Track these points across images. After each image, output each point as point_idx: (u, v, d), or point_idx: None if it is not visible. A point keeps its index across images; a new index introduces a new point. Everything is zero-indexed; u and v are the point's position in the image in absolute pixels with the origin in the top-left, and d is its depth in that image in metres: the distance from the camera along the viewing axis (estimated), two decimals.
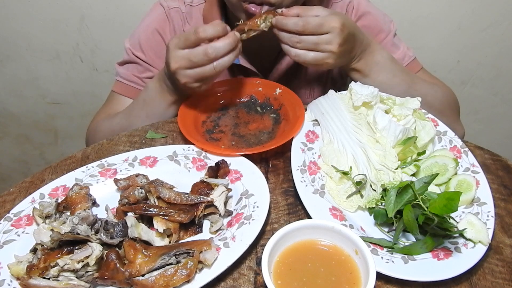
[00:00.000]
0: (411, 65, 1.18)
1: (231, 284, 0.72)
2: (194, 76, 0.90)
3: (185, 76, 0.90)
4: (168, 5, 1.14)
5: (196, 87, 0.93)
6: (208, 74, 0.89)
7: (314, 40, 0.89)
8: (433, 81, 1.20)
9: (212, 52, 0.85)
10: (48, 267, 0.68)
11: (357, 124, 0.90)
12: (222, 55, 0.86)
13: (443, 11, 1.64)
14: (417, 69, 1.19)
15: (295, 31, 0.89)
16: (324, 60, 0.91)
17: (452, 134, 0.94)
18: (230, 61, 0.88)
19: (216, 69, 0.87)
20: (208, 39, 0.86)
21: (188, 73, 0.89)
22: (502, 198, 0.87)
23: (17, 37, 1.79)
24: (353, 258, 0.68)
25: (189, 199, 0.78)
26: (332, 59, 0.91)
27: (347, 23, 0.91)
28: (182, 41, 0.88)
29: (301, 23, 0.88)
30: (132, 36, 1.16)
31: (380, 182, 0.80)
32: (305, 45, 0.90)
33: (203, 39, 0.86)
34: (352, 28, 0.93)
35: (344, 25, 0.90)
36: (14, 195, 0.86)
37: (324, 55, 0.91)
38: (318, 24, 0.88)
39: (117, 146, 0.97)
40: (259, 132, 1.01)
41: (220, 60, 0.87)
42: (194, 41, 0.86)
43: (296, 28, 0.88)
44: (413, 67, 1.18)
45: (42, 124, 2.12)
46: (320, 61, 0.92)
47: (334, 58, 0.91)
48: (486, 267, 0.75)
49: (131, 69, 1.16)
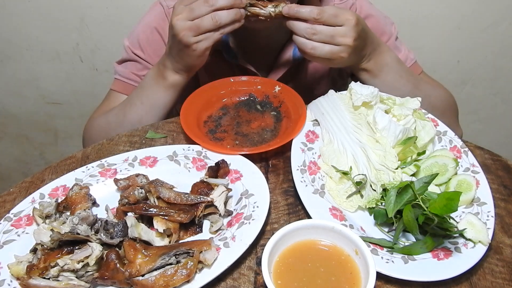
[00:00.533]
0: (412, 67, 1.18)
1: (231, 284, 0.72)
2: (192, 27, 0.88)
3: (184, 27, 0.88)
4: (168, 4, 1.14)
5: (193, 42, 0.90)
6: (206, 25, 0.87)
7: (330, 31, 0.88)
8: (434, 83, 1.21)
9: (212, 0, 0.85)
10: (48, 267, 0.68)
11: (357, 124, 0.90)
12: (222, 7, 0.86)
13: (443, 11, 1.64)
14: (418, 72, 1.20)
15: (310, 18, 0.88)
16: (339, 54, 0.90)
17: (452, 134, 0.94)
18: (230, 17, 0.88)
19: (214, 19, 0.86)
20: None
21: (187, 24, 0.88)
22: (502, 198, 0.87)
23: (17, 37, 1.79)
24: (353, 258, 0.68)
25: (189, 199, 0.78)
26: (347, 53, 0.90)
27: (360, 18, 0.91)
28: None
29: (316, 11, 0.87)
30: (131, 34, 1.16)
31: (380, 182, 0.80)
32: (321, 37, 0.88)
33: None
34: (364, 25, 0.94)
35: (358, 19, 0.90)
36: (14, 195, 0.86)
37: (340, 48, 0.90)
38: (333, 14, 0.88)
39: (117, 146, 0.97)
40: (261, 130, 1.01)
41: (220, 12, 0.86)
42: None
43: (312, 15, 0.87)
44: (414, 69, 1.19)
45: (42, 124, 2.12)
46: (335, 55, 0.90)
47: (349, 52, 0.91)
48: (486, 267, 0.75)
49: (129, 67, 1.16)
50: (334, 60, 0.93)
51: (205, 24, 0.87)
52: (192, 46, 0.91)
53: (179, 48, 0.93)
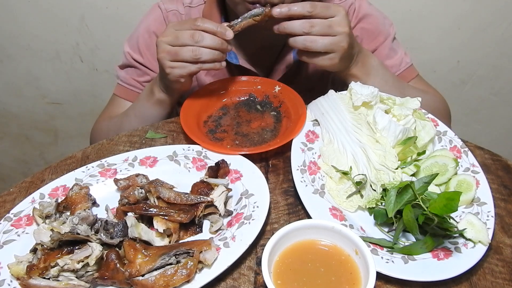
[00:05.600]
0: (407, 71, 1.18)
1: (231, 284, 0.72)
2: (171, 52, 0.89)
3: (164, 50, 0.90)
4: (166, 8, 1.14)
5: (167, 66, 0.91)
6: (184, 55, 0.88)
7: (327, 22, 0.88)
8: (427, 88, 1.20)
9: (198, 37, 0.86)
10: (48, 267, 0.68)
11: (357, 124, 0.90)
12: (205, 45, 0.87)
13: (443, 11, 1.64)
14: (413, 75, 1.19)
15: (304, 13, 0.87)
16: (339, 44, 0.90)
17: (452, 134, 0.94)
18: (210, 56, 0.88)
19: (194, 53, 0.87)
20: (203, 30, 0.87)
21: (167, 48, 0.90)
22: (502, 198, 0.87)
23: (17, 37, 1.79)
24: (353, 258, 0.68)
25: (189, 199, 0.78)
26: (346, 42, 0.90)
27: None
28: (180, 24, 0.90)
29: (308, 5, 0.87)
30: (131, 39, 1.17)
31: (380, 182, 0.80)
32: (319, 28, 0.88)
33: (198, 27, 0.87)
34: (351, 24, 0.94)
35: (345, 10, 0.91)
36: (14, 195, 0.86)
37: (339, 38, 0.90)
38: (324, 6, 0.88)
39: (117, 146, 0.97)
40: (261, 130, 1.01)
41: (202, 49, 0.87)
42: (188, 27, 0.88)
43: (305, 9, 0.87)
44: (410, 73, 1.18)
45: (42, 124, 2.12)
46: (336, 45, 0.90)
47: (347, 41, 0.90)
48: (486, 267, 0.75)
49: (130, 73, 1.18)
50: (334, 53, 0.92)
51: (183, 54, 0.88)
52: (166, 70, 0.92)
53: (160, 68, 0.96)
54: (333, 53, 0.92)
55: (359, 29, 1.15)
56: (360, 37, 1.15)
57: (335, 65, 0.94)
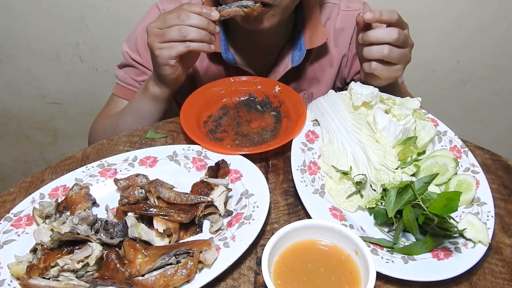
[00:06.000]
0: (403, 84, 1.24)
1: (231, 284, 0.72)
2: (159, 34, 0.90)
3: (153, 33, 0.91)
4: (164, 8, 1.15)
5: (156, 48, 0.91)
6: (171, 34, 0.89)
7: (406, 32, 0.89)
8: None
9: (184, 16, 0.88)
10: (48, 267, 0.68)
11: (357, 124, 0.90)
12: (192, 24, 0.88)
13: (443, 11, 1.64)
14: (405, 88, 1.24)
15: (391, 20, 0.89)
16: (408, 56, 0.91)
17: (452, 134, 0.94)
18: (197, 35, 0.89)
19: (180, 31, 0.88)
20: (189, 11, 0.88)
21: (156, 31, 0.91)
22: (502, 198, 0.87)
23: (17, 37, 1.79)
24: (353, 258, 0.68)
25: (189, 199, 0.78)
26: (410, 55, 0.91)
27: None
28: (168, 11, 0.92)
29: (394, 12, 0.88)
30: (129, 39, 1.17)
31: (380, 182, 0.80)
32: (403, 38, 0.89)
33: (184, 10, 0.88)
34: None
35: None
36: (14, 195, 0.86)
37: (408, 50, 0.91)
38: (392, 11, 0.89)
39: (117, 146, 0.97)
40: (261, 130, 1.01)
41: (188, 27, 0.88)
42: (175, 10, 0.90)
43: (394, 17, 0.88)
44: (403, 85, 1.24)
45: (42, 124, 2.12)
46: (405, 57, 0.91)
47: (410, 54, 0.92)
48: (486, 267, 0.75)
49: (129, 72, 1.18)
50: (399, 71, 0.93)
51: (170, 34, 0.89)
52: (155, 52, 0.93)
53: (150, 54, 0.96)
54: (400, 65, 0.92)
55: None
56: None
57: (396, 77, 0.95)
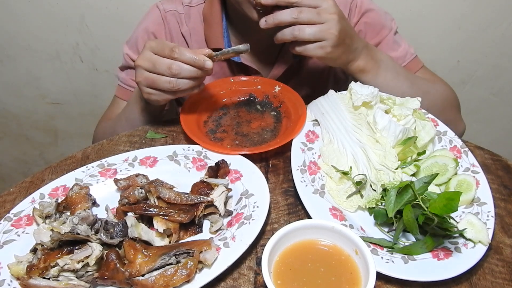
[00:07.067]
0: (413, 62, 1.18)
1: (231, 284, 0.72)
2: (148, 79, 0.89)
3: (142, 75, 0.89)
4: (164, 8, 1.14)
5: (145, 92, 0.91)
6: (161, 85, 0.87)
7: (314, 10, 0.87)
8: (434, 78, 1.21)
9: (175, 68, 0.85)
10: (48, 267, 0.68)
11: (357, 124, 0.90)
12: (182, 76, 0.86)
13: (443, 11, 1.64)
14: (419, 66, 1.20)
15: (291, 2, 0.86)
16: (329, 31, 0.89)
17: (452, 134, 0.94)
18: (188, 86, 0.87)
19: (170, 84, 0.86)
20: (182, 61, 0.85)
21: (145, 74, 0.89)
22: (502, 198, 0.87)
23: (17, 37, 1.79)
24: (353, 258, 0.68)
25: (189, 199, 0.78)
26: (335, 28, 0.89)
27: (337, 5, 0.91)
28: (158, 47, 0.87)
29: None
30: (130, 40, 1.18)
31: (380, 182, 0.80)
32: (307, 15, 0.87)
33: (176, 59, 0.85)
34: (344, 16, 0.93)
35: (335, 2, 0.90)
36: (14, 195, 0.86)
37: (327, 25, 0.89)
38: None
39: (117, 146, 0.97)
40: (261, 130, 1.01)
41: (179, 80, 0.86)
42: (167, 54, 0.86)
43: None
44: (415, 64, 1.19)
45: (42, 124, 2.12)
46: (325, 32, 0.89)
47: (337, 28, 0.89)
48: (486, 267, 0.75)
49: (130, 74, 1.19)
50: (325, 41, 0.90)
51: (161, 84, 0.88)
52: (144, 95, 0.92)
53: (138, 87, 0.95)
54: (323, 41, 0.90)
55: (362, 24, 1.16)
56: (363, 31, 1.16)
57: (330, 55, 0.92)
